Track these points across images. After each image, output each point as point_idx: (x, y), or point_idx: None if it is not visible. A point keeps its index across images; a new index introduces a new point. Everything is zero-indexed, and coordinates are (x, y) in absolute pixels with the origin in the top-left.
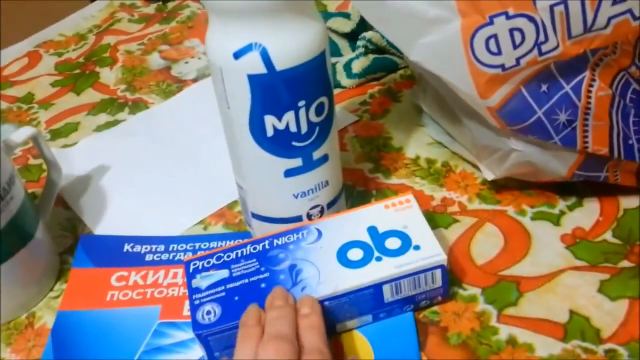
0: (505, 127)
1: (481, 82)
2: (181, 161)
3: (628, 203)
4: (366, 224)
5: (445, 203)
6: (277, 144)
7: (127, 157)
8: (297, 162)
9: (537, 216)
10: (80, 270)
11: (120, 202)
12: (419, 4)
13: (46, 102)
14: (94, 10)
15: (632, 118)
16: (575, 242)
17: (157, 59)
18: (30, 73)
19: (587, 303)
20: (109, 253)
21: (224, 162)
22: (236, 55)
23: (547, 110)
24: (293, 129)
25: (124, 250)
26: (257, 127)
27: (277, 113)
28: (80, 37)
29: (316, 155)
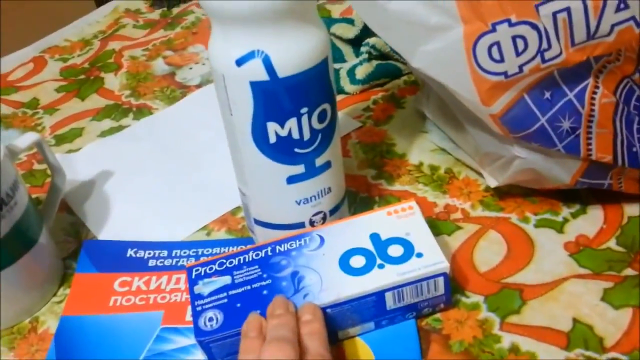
0: (508, 134)
1: (484, 89)
2: (185, 167)
3: (632, 211)
4: (368, 231)
5: (448, 210)
6: (280, 150)
7: (131, 163)
8: (299, 168)
9: (541, 223)
10: (83, 275)
11: (124, 208)
12: (421, 11)
13: (51, 108)
14: (99, 16)
15: (636, 125)
16: (579, 250)
17: (161, 65)
18: (35, 78)
19: (591, 311)
20: (112, 258)
21: (227, 167)
22: (239, 62)
23: (551, 118)
24: (295, 135)
25: (127, 255)
26: (259, 134)
27: (279, 120)
28: (85, 43)
29: (319, 161)
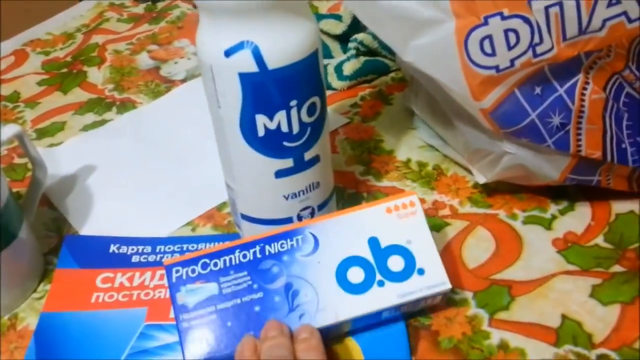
0: (498, 129)
1: (475, 83)
2: (169, 161)
3: (620, 208)
4: (367, 234)
5: (437, 206)
6: (268, 144)
7: (114, 157)
8: (288, 162)
9: (529, 220)
10: (64, 271)
11: (107, 203)
12: (413, 5)
13: (32, 101)
14: (83, 9)
15: (625, 122)
16: (567, 247)
17: (146, 59)
18: (16, 72)
19: (579, 308)
20: (94, 254)
21: (212, 163)
22: (227, 53)
23: (541, 113)
24: (284, 129)
25: (109, 251)
26: (248, 127)
27: (268, 112)
28: (68, 37)
29: (307, 156)
